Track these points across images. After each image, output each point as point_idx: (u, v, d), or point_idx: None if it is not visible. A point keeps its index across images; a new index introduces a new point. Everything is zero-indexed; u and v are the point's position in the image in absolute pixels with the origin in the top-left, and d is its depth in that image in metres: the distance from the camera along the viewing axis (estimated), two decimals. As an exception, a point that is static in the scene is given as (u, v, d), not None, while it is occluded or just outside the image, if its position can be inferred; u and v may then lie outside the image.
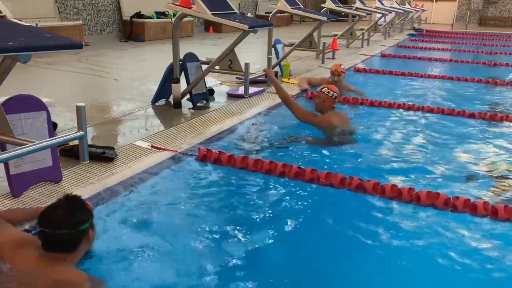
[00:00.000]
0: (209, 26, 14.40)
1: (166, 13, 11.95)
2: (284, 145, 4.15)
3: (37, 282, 1.96)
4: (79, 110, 3.06)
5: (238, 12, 5.27)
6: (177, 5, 4.84)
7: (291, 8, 7.07)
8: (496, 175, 3.75)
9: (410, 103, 5.63)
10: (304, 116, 4.33)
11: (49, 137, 2.84)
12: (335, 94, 4.30)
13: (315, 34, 7.95)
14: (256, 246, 2.52)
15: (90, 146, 3.39)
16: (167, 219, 2.75)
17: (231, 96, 5.67)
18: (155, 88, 5.26)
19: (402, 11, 14.50)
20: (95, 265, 2.21)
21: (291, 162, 3.48)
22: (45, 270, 1.98)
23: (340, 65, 6.05)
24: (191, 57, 5.17)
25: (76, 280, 1.97)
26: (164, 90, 5.14)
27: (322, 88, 4.34)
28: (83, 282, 1.96)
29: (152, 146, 3.74)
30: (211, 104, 5.29)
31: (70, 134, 3.05)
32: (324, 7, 9.55)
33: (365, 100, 5.69)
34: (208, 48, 9.91)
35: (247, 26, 4.63)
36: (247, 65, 5.33)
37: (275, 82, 4.69)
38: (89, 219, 2.12)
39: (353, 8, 11.23)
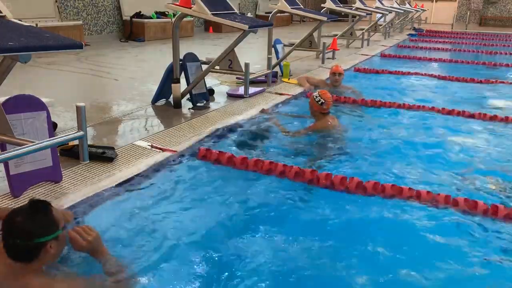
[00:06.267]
0: (209, 26, 14.40)
1: (166, 13, 11.96)
2: (284, 145, 4.15)
3: None
4: (79, 110, 3.06)
5: (238, 12, 5.27)
6: (177, 5, 4.84)
7: (291, 8, 7.07)
8: (496, 174, 3.75)
9: (410, 103, 5.62)
10: (301, 134, 4.34)
11: (49, 137, 2.84)
12: (322, 101, 4.21)
13: (315, 34, 7.94)
14: (256, 245, 2.53)
15: (90, 146, 3.39)
16: (167, 219, 2.75)
17: (231, 96, 5.67)
18: (155, 88, 5.26)
19: (402, 11, 14.50)
20: (95, 264, 2.21)
21: (291, 162, 3.49)
22: (10, 278, 1.86)
23: (339, 66, 6.14)
24: (191, 57, 5.17)
25: None
26: (164, 90, 5.14)
27: (314, 93, 4.35)
28: None
29: (152, 146, 3.74)
30: (211, 104, 5.29)
31: (70, 134, 3.03)
32: (324, 7, 9.55)
33: (365, 100, 5.68)
34: (208, 48, 9.91)
35: (247, 26, 4.63)
36: (247, 65, 5.33)
37: (281, 128, 4.52)
38: (50, 233, 1.90)
39: (353, 8, 11.23)
